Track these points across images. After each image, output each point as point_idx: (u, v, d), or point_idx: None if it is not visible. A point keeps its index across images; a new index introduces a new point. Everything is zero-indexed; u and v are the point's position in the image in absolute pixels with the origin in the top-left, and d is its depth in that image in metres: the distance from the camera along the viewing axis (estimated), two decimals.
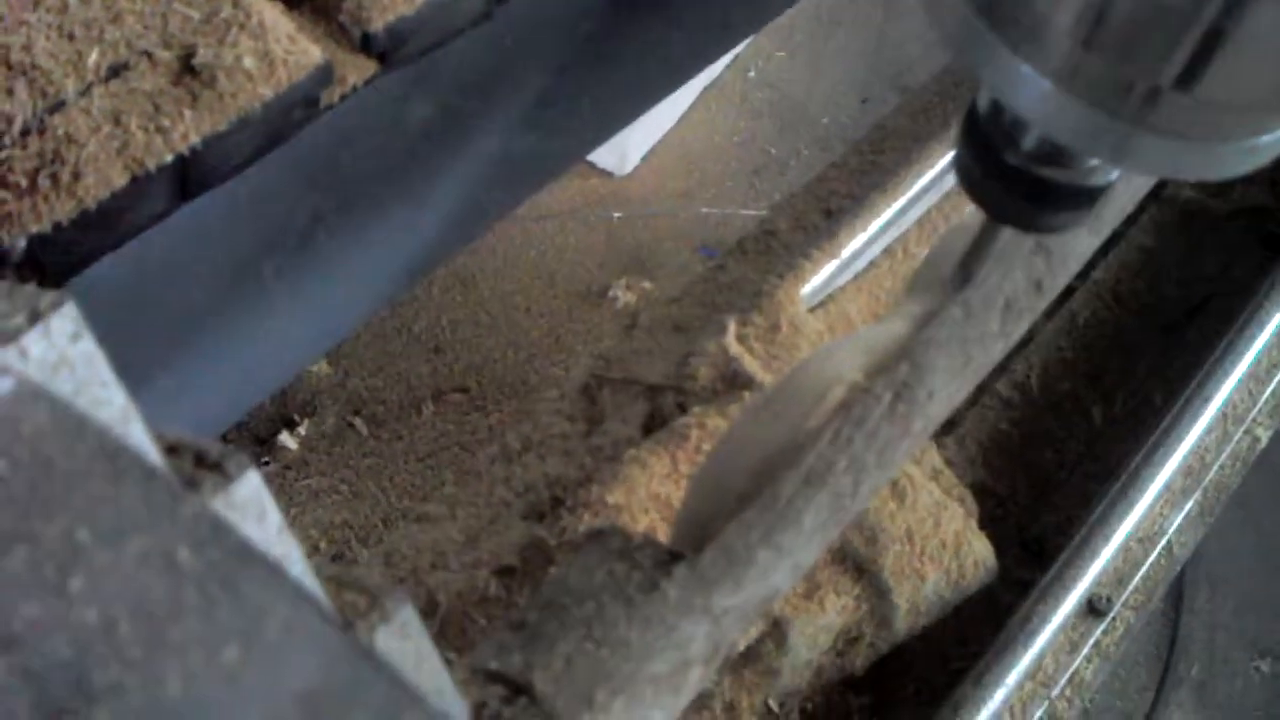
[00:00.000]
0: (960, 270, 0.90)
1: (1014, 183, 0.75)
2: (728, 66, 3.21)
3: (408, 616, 0.54)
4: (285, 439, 2.49)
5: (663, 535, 1.11)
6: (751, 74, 3.23)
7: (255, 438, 2.50)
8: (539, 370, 2.63)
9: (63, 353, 0.44)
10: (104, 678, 0.34)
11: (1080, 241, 0.96)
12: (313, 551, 2.37)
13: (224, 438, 2.43)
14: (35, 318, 0.43)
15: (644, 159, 3.04)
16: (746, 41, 3.19)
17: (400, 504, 2.41)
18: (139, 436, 0.47)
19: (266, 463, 2.46)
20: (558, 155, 1.37)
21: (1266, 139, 0.63)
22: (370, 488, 2.46)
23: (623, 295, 2.74)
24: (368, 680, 0.38)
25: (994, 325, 0.89)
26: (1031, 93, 0.63)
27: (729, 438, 0.93)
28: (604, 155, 2.98)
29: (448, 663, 0.56)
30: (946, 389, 0.86)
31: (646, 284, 2.75)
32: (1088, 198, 0.77)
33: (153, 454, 0.47)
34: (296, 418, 2.52)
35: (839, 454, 0.80)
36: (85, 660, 0.34)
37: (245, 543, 0.39)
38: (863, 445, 0.81)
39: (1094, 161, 0.74)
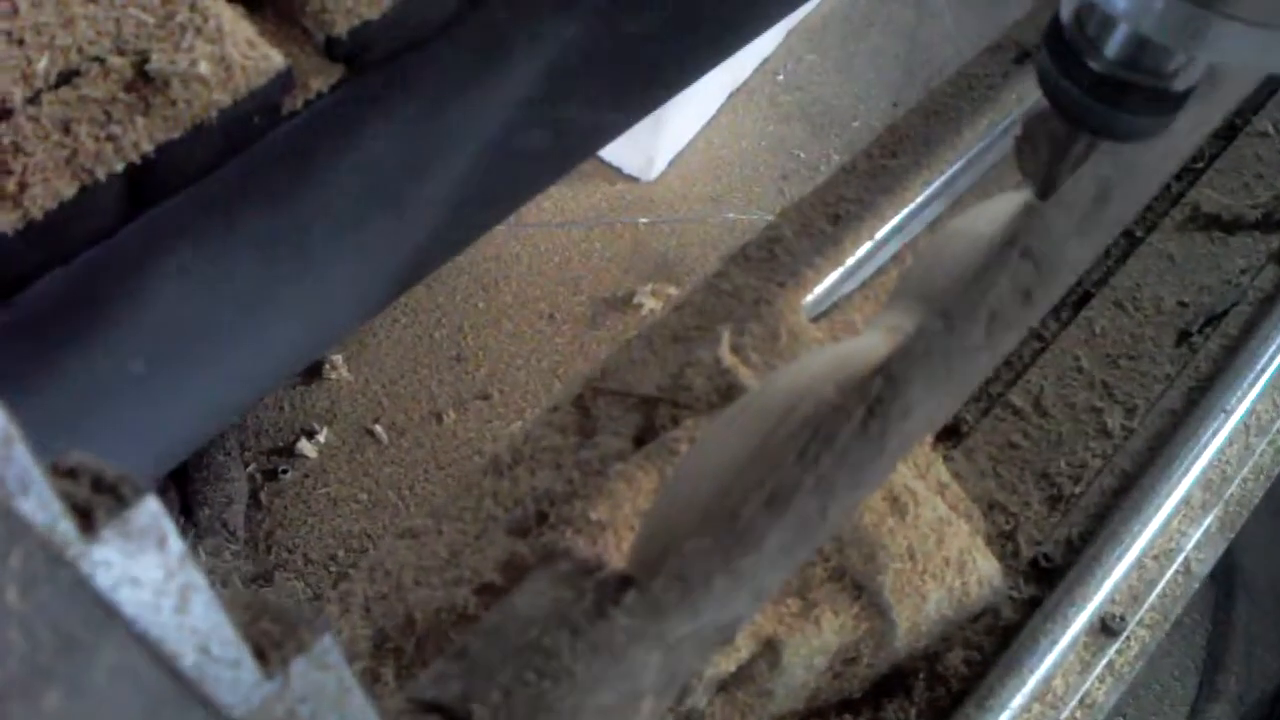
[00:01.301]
0: (1042, 186, 0.89)
1: (1096, 88, 0.79)
2: (756, 70, 3.19)
3: (327, 647, 0.52)
4: (304, 447, 2.47)
5: None
6: (780, 77, 3.19)
7: (274, 446, 2.49)
8: (562, 378, 2.61)
9: None
10: None
11: (1071, 249, 0.91)
12: (330, 560, 2.35)
13: (242, 445, 2.41)
14: None
15: (670, 164, 3.01)
16: (775, 44, 3.16)
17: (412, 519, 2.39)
18: (21, 461, 0.45)
19: (285, 471, 2.44)
20: (550, 160, 1.34)
21: None
22: (390, 497, 2.44)
23: (649, 302, 2.71)
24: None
25: (978, 337, 0.86)
26: None
27: (693, 454, 0.90)
28: (630, 160, 2.96)
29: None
30: (925, 405, 0.82)
31: (673, 290, 2.72)
32: (1168, 103, 0.80)
33: (37, 481, 0.44)
34: (316, 426, 2.51)
35: (806, 474, 0.76)
36: None
37: (80, 581, 0.37)
38: (832, 465, 0.77)
39: (1174, 66, 0.78)
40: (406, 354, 2.62)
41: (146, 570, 0.43)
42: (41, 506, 0.38)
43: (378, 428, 2.52)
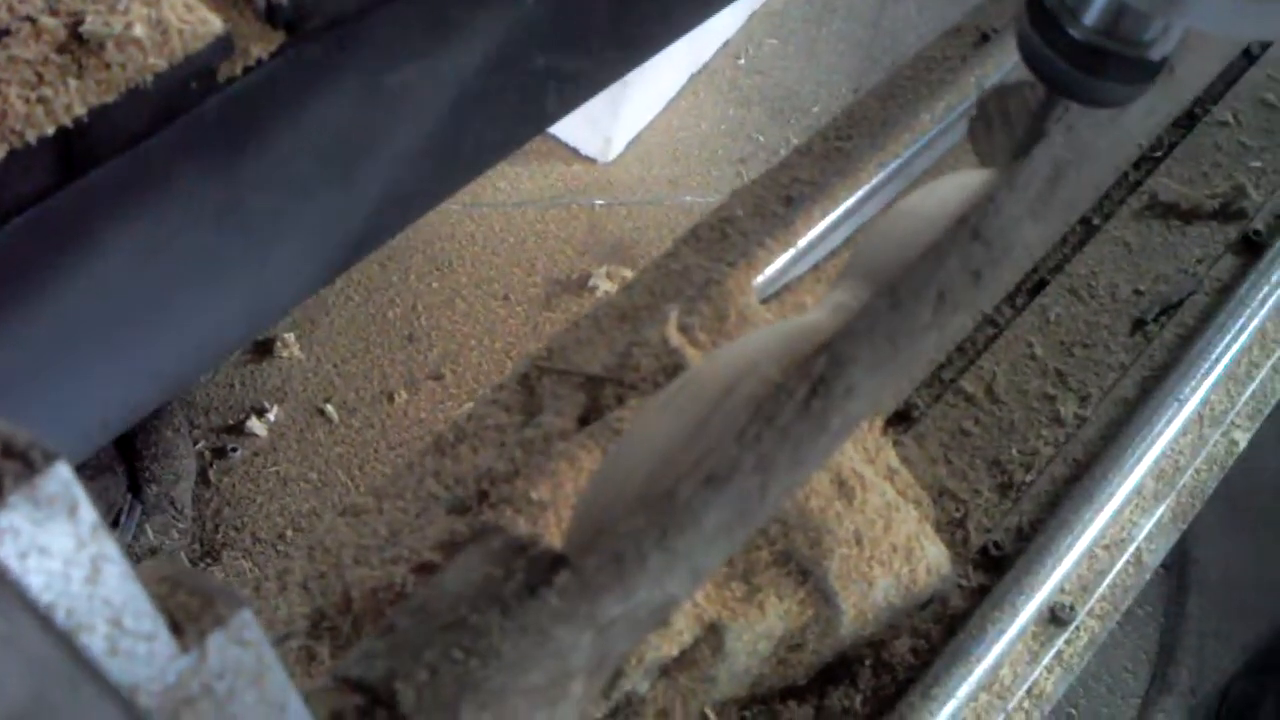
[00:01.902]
0: (1019, 148, 0.91)
1: (1075, 55, 0.81)
2: (717, 52, 3.18)
3: (245, 621, 0.50)
4: (254, 425, 2.45)
5: None
6: (741, 61, 3.18)
7: (224, 424, 2.47)
8: (515, 359, 2.59)
9: None
10: None
11: (1024, 229, 0.90)
12: (278, 540, 2.33)
13: (191, 423, 2.39)
14: None
15: (629, 146, 3.00)
16: (737, 27, 3.15)
17: (353, 498, 2.38)
18: None
19: (235, 449, 2.42)
20: (501, 135, 1.32)
21: None
22: (340, 476, 2.43)
23: (604, 284, 2.70)
24: (87, 700, 0.35)
25: (925, 317, 0.84)
26: None
27: (631, 433, 0.89)
28: (588, 141, 2.95)
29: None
30: (869, 385, 0.81)
31: (628, 273, 2.70)
32: (1145, 70, 0.82)
33: None
34: (266, 404, 2.49)
35: (746, 453, 0.75)
36: None
37: None
38: (772, 444, 0.76)
39: (1152, 34, 0.80)
40: (359, 333, 2.61)
41: (56, 539, 0.42)
42: None
43: (329, 407, 2.50)
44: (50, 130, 0.84)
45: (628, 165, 2.95)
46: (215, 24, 0.90)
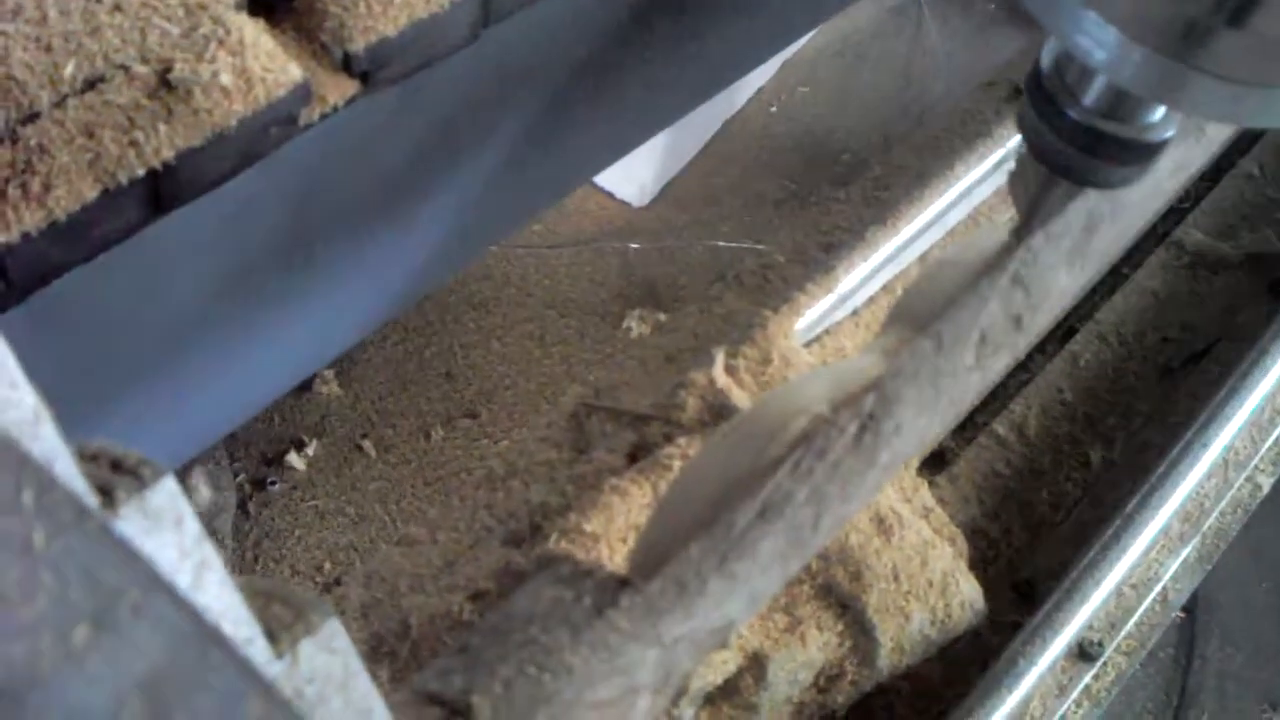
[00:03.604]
0: (1019, 228, 0.91)
1: (1075, 136, 0.80)
2: (750, 100, 3.21)
3: (334, 630, 0.54)
4: (293, 459, 2.49)
5: None
6: (774, 109, 3.22)
7: (263, 457, 2.50)
8: (550, 398, 2.63)
9: None
10: None
11: (1061, 277, 0.94)
12: (315, 572, 2.36)
13: (232, 456, 2.43)
14: None
15: (663, 190, 3.03)
16: (769, 75, 3.19)
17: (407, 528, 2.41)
18: (50, 438, 0.47)
19: (274, 482, 2.46)
20: (553, 182, 1.36)
21: None
22: (377, 511, 2.46)
23: (637, 327, 2.73)
24: (214, 663, 0.38)
25: (968, 359, 0.88)
26: (1098, 39, 0.68)
27: (690, 467, 0.93)
28: (622, 185, 2.98)
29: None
30: (916, 423, 0.85)
31: (661, 316, 2.74)
32: (1145, 152, 0.81)
33: (63, 455, 0.46)
34: (305, 438, 2.52)
35: (799, 485, 0.79)
36: None
37: (105, 528, 0.39)
38: (824, 477, 0.80)
39: (1152, 117, 0.80)
40: (397, 371, 2.64)
41: (162, 549, 0.45)
42: (66, 482, 0.40)
43: (366, 443, 2.54)
44: (141, 172, 0.88)
45: (661, 209, 2.99)
46: (295, 72, 0.94)
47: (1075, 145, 0.81)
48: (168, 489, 0.48)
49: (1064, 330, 1.52)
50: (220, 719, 0.38)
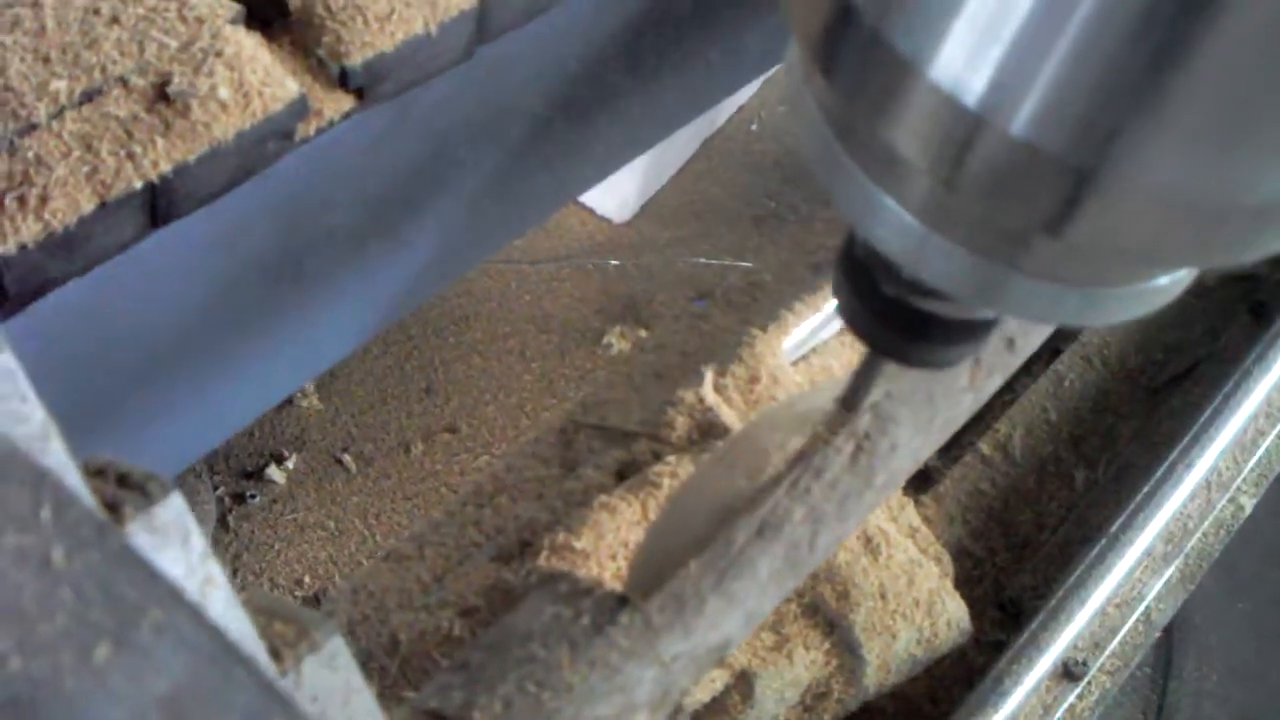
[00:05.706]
0: (845, 400, 0.82)
1: (892, 315, 0.66)
2: (731, 118, 3.22)
3: (337, 648, 0.54)
4: (273, 473, 2.48)
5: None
6: (754, 126, 3.23)
7: (243, 470, 2.50)
8: (530, 414, 2.63)
9: None
10: None
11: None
12: (295, 586, 2.36)
13: (212, 470, 2.42)
14: None
15: (644, 207, 3.04)
16: (751, 92, 3.19)
17: (386, 542, 2.41)
18: (58, 453, 0.47)
19: (254, 496, 2.45)
20: (542, 199, 1.36)
21: (1160, 283, 0.55)
22: (356, 525, 2.46)
23: (617, 343, 2.74)
24: (237, 682, 0.38)
25: (963, 380, 0.89)
26: (896, 228, 0.55)
27: (687, 485, 0.93)
28: (603, 201, 2.98)
29: (398, 700, 0.56)
30: (911, 443, 0.86)
31: (641, 332, 2.74)
32: (971, 332, 0.68)
33: (70, 471, 0.47)
34: (285, 452, 2.52)
35: (796, 504, 0.79)
36: None
37: (126, 546, 0.39)
38: (821, 496, 0.80)
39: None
40: (377, 385, 2.64)
41: (169, 564, 0.45)
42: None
43: (346, 457, 2.53)
44: (138, 185, 0.88)
45: (642, 226, 2.99)
46: (292, 87, 0.94)
47: (893, 325, 0.67)
48: (175, 505, 0.48)
49: (1049, 351, 1.53)
50: None
